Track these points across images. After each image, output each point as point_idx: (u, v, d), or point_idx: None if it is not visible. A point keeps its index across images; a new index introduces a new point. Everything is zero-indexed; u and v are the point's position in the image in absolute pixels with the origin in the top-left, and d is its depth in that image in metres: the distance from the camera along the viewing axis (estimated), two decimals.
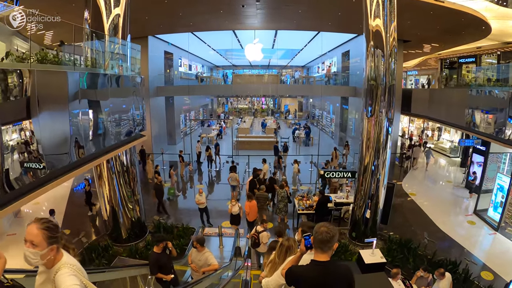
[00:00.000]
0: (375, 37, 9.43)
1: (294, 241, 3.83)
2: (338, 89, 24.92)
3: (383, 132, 9.59)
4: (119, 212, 10.04)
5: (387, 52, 9.31)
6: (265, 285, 3.47)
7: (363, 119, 9.97)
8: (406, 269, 8.78)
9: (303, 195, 12.88)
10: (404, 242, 9.78)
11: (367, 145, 9.88)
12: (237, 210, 11.22)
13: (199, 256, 6.76)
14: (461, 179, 17.21)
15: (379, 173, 9.76)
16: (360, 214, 10.25)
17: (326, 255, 2.80)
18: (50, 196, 14.50)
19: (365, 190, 10.00)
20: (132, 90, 9.33)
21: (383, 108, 9.44)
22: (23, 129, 5.19)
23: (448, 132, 24.31)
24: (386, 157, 9.76)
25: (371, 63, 9.55)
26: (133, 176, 10.27)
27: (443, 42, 21.09)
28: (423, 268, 7.37)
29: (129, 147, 9.32)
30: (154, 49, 21.68)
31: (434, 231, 11.38)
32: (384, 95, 9.45)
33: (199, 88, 27.01)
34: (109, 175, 9.71)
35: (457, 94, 15.35)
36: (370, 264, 7.59)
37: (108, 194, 9.86)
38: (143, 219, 11.03)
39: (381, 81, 9.42)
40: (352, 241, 10.56)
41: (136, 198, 10.50)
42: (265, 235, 8.84)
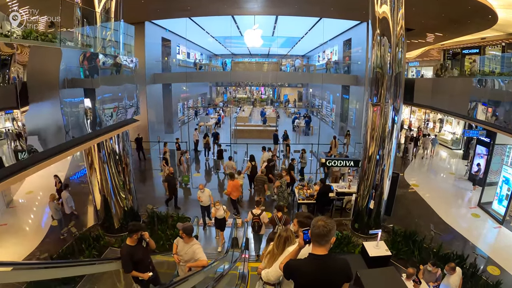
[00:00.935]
0: (381, 25, 8.93)
1: (292, 232, 3.83)
2: (340, 78, 24.44)
3: (389, 121, 9.17)
4: (111, 201, 9.64)
5: (394, 41, 8.84)
6: (265, 276, 3.49)
7: (368, 109, 9.53)
8: (411, 262, 8.45)
9: (304, 184, 12.47)
10: (409, 234, 9.42)
11: (372, 135, 9.46)
12: (222, 214, 9.80)
13: (185, 248, 5.79)
14: (464, 171, 16.90)
15: (384, 163, 9.36)
16: (363, 205, 9.87)
17: (323, 249, 2.81)
18: (44, 185, 14.26)
19: (369, 180, 9.61)
20: (124, 71, 8.79)
21: (389, 97, 9.02)
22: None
23: (450, 123, 24.00)
24: (392, 147, 9.36)
25: (377, 52, 9.07)
26: (126, 164, 9.85)
27: (447, 31, 20.59)
28: (431, 262, 6.98)
29: (121, 132, 8.89)
30: (151, 35, 21.17)
31: (438, 223, 11.04)
32: (390, 84, 9.01)
33: (197, 75, 26.47)
34: (100, 164, 9.29)
35: (462, 83, 14.89)
36: (375, 258, 7.25)
37: (99, 183, 9.46)
38: (136, 209, 10.64)
39: (387, 71, 8.98)
40: (355, 232, 10.20)
41: (129, 187, 10.10)
42: (265, 216, 8.92)
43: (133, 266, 5.32)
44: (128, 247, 5.41)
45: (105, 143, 9.14)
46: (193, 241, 5.82)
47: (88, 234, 9.49)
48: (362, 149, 10.04)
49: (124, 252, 5.38)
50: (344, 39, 25.13)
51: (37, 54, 5.34)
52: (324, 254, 2.81)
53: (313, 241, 2.83)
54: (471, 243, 10.17)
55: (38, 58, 5.33)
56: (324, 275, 2.81)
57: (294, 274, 2.89)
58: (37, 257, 8.66)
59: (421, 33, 21.27)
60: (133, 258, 5.32)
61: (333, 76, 24.57)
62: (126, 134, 9.94)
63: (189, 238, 5.76)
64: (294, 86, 46.56)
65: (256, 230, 9.02)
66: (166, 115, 24.41)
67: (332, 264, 2.85)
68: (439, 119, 25.93)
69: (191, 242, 5.77)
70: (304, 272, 2.82)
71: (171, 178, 12.16)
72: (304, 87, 44.71)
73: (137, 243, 5.46)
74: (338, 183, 13.07)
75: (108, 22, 8.77)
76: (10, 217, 11.71)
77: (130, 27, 9.75)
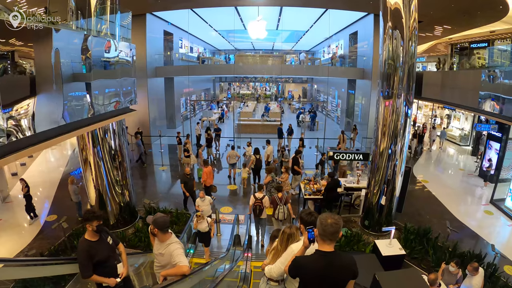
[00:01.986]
0: (393, 17, 8.35)
1: (296, 229, 3.77)
2: (346, 71, 23.82)
3: (401, 116, 8.61)
4: (106, 197, 9.18)
5: (407, 35, 8.27)
6: (268, 272, 3.54)
7: (379, 104, 8.99)
8: (425, 262, 7.94)
9: (310, 179, 11.94)
10: (422, 232, 8.88)
11: (383, 131, 8.91)
12: (206, 227, 8.22)
13: (161, 249, 4.29)
14: (473, 167, 16.47)
15: (396, 158, 8.84)
16: (374, 201, 9.35)
17: (331, 246, 2.82)
18: (40, 181, 14.37)
19: (380, 175, 9.08)
20: (120, 56, 8.29)
21: (401, 91, 8.48)
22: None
23: (458, 119, 23.45)
24: (405, 142, 8.82)
25: (389, 46, 8.52)
26: (122, 159, 9.40)
27: (456, 23, 20.02)
28: (455, 262, 6.42)
29: (116, 120, 8.45)
30: (152, 28, 20.71)
31: (451, 220, 10.51)
32: (403, 79, 8.47)
33: (199, 68, 25.85)
34: (95, 160, 8.83)
35: (474, 75, 14.37)
36: (388, 257, 6.75)
37: (94, 179, 9.02)
38: (133, 204, 10.17)
39: (399, 65, 8.44)
40: (365, 230, 9.65)
41: (126, 182, 9.65)
42: (267, 199, 9.02)
43: (92, 267, 4.07)
44: (86, 242, 4.12)
45: (100, 136, 8.71)
46: (170, 238, 4.32)
47: (81, 230, 9.04)
48: (373, 144, 9.50)
49: (81, 249, 4.10)
50: (350, 33, 24.55)
51: None
52: (331, 251, 2.80)
53: (320, 239, 2.82)
54: (486, 241, 9.67)
55: None
56: (331, 272, 2.79)
57: (301, 271, 2.88)
58: (25, 254, 8.26)
59: (429, 26, 20.68)
60: (94, 257, 4.06)
61: (338, 69, 23.99)
62: (122, 127, 9.47)
63: (164, 235, 4.26)
64: (299, 82, 46.12)
65: (258, 213, 9.05)
66: (168, 109, 23.98)
67: (339, 261, 2.84)
68: (447, 115, 25.40)
69: (166, 240, 4.28)
70: (312, 269, 2.81)
71: (188, 179, 11.06)
72: (308, 83, 44.24)
73: (99, 237, 4.23)
74: (346, 178, 12.54)
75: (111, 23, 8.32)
76: (7, 212, 11.45)
77: (125, 15, 9.28)
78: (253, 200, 9.03)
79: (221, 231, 10.09)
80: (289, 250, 3.37)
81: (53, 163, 17.80)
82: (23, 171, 15.47)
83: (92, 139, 8.64)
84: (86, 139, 8.61)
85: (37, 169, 16.32)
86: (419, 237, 8.70)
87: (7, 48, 4.67)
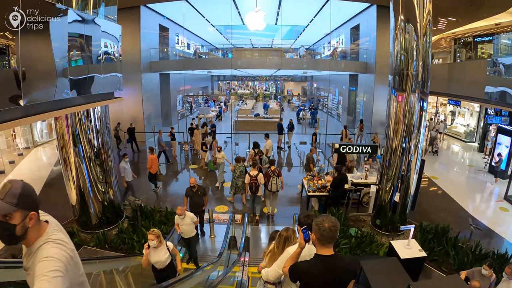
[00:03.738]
0: (406, 9, 7.57)
1: (293, 232, 3.73)
2: (348, 65, 23.04)
3: (416, 112, 7.80)
4: (87, 195, 8.34)
5: (421, 28, 7.45)
6: (264, 275, 3.50)
7: (391, 100, 8.18)
8: (446, 264, 7.10)
9: (314, 175, 11.05)
10: (440, 231, 8.03)
11: (396, 128, 8.08)
12: (165, 259, 5.55)
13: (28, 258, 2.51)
14: (482, 163, 15.84)
15: (411, 154, 8.00)
16: (387, 199, 8.46)
17: (330, 249, 2.78)
18: (27, 179, 13.16)
19: (393, 171, 8.20)
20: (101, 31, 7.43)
21: (416, 87, 7.68)
22: None
23: (463, 116, 22.77)
24: (420, 138, 7.99)
25: (401, 40, 7.72)
26: (105, 156, 8.59)
27: (461, 15, 19.38)
28: (488, 263, 5.56)
29: (95, 106, 7.66)
30: (147, 21, 19.99)
31: (466, 217, 9.75)
32: (417, 75, 7.66)
33: (196, 63, 24.87)
34: (76, 159, 8.03)
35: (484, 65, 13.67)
36: (408, 260, 5.85)
37: (74, 178, 8.18)
38: (118, 203, 9.30)
39: (413, 61, 7.66)
40: (377, 229, 8.74)
41: (109, 180, 8.81)
42: (261, 177, 9.53)
43: None
44: None
45: (81, 132, 7.93)
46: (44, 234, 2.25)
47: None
48: (384, 140, 8.66)
49: None
50: (351, 26, 23.83)
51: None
52: (331, 255, 2.77)
53: (319, 243, 2.77)
54: (505, 239, 8.87)
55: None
56: (332, 275, 2.76)
57: (302, 277, 2.84)
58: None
59: (434, 18, 19.91)
60: None
61: (340, 63, 23.21)
62: (107, 125, 8.70)
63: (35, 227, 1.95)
64: (298, 81, 45.48)
65: (254, 191, 9.57)
66: (163, 106, 23.21)
67: (339, 264, 2.81)
68: (451, 112, 24.70)
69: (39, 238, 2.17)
70: (313, 274, 2.76)
71: (192, 194, 8.56)
72: (308, 81, 43.54)
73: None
74: (353, 173, 11.67)
75: None
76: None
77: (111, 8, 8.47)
78: (248, 178, 9.52)
79: (215, 232, 9.18)
80: (285, 253, 3.34)
81: (44, 161, 16.99)
82: (11, 168, 14.82)
83: (73, 135, 7.89)
84: (67, 136, 7.87)
85: (26, 166, 15.56)
86: (438, 237, 7.85)
87: None
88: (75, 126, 7.83)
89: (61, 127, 7.88)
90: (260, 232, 9.58)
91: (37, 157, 17.44)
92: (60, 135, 7.93)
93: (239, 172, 10.72)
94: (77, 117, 7.76)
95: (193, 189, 8.48)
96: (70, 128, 7.81)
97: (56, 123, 7.95)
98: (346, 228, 8.30)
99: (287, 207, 11.03)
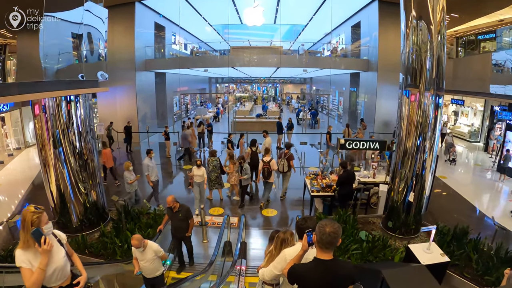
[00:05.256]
0: (418, 5, 6.92)
1: (291, 234, 3.73)
2: (349, 62, 22.40)
3: (431, 111, 7.13)
4: (67, 196, 7.59)
5: (435, 26, 6.79)
6: (261, 275, 3.51)
7: (403, 101, 7.52)
8: (468, 269, 6.36)
9: (317, 173, 10.28)
10: (459, 233, 7.24)
11: (408, 130, 7.39)
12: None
13: None
14: (489, 162, 15.63)
15: (426, 152, 7.30)
16: (399, 200, 7.70)
17: (329, 254, 2.76)
18: (12, 179, 13.22)
19: (407, 170, 7.46)
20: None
21: (431, 86, 7.02)
22: None
23: (466, 115, 22.39)
24: (436, 137, 7.32)
25: (413, 39, 7.07)
26: (89, 156, 7.92)
27: (465, 10, 18.90)
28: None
29: (75, 94, 6.98)
30: (142, 18, 19.45)
31: (480, 218, 9.18)
32: (432, 74, 7.00)
33: (192, 61, 24.01)
34: (56, 161, 7.36)
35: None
36: (431, 266, 5.07)
37: (53, 177, 7.47)
38: (101, 204, 8.50)
39: (426, 61, 7.00)
40: (388, 232, 7.93)
41: (94, 181, 8.12)
42: (274, 163, 9.94)
43: None
44: None
45: (62, 132, 7.26)
46: None
47: None
48: (396, 142, 7.95)
49: None
50: (351, 24, 23.32)
51: None
52: (330, 259, 2.75)
53: (319, 247, 2.75)
54: None
55: None
56: (330, 280, 2.75)
57: (300, 280, 2.82)
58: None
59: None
60: None
61: (341, 60, 22.54)
62: (90, 125, 8.02)
63: None
64: (298, 83, 44.92)
65: (266, 176, 9.91)
66: (159, 107, 22.52)
67: (338, 268, 2.81)
68: (453, 112, 24.23)
69: None
70: (311, 278, 2.74)
71: (172, 215, 6.73)
72: (307, 83, 42.96)
73: None
74: (360, 172, 10.83)
75: None
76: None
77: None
78: (261, 164, 9.92)
79: (209, 236, 8.36)
80: (281, 254, 3.32)
81: (34, 161, 16.30)
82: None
83: (53, 136, 7.25)
84: (46, 136, 7.20)
85: (15, 167, 15.00)
86: (458, 239, 7.11)
87: None
88: (55, 127, 7.19)
89: (40, 129, 7.23)
90: (261, 235, 8.78)
91: (28, 157, 16.97)
92: (40, 135, 7.29)
93: (212, 166, 10.20)
94: (57, 116, 7.12)
95: (173, 210, 6.65)
96: (50, 129, 7.17)
97: (35, 121, 7.28)
98: (356, 231, 7.50)
99: (288, 211, 10.28)
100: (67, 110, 7.19)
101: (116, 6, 17.80)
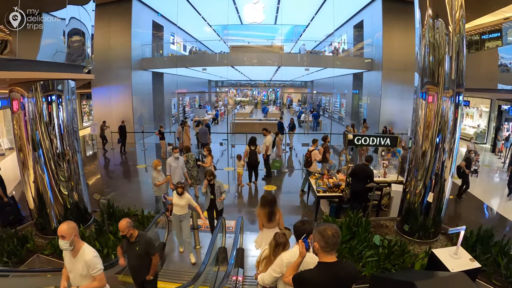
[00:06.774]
0: (434, 2, 6.31)
1: (286, 239, 3.72)
2: (352, 61, 21.89)
3: (451, 113, 6.48)
4: (47, 197, 6.91)
5: (454, 24, 6.16)
6: (260, 280, 3.53)
7: (419, 104, 6.88)
8: (496, 275, 5.61)
9: (323, 173, 9.50)
10: (484, 236, 6.49)
11: (426, 133, 6.72)
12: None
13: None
14: (499, 163, 15.55)
15: (446, 152, 6.63)
16: (417, 202, 6.96)
17: (333, 256, 2.80)
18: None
19: (425, 169, 6.76)
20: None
21: (451, 87, 6.39)
22: None
23: (471, 117, 21.90)
24: (456, 137, 6.67)
25: (430, 39, 6.43)
26: (71, 156, 7.23)
27: (470, 8, 18.41)
28: None
29: (53, 77, 6.36)
30: (139, 16, 18.97)
31: (501, 220, 8.59)
32: (450, 74, 6.37)
33: (190, 59, 23.28)
34: (34, 162, 6.77)
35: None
36: None
37: (32, 176, 6.86)
38: (84, 205, 7.74)
39: (444, 61, 6.37)
40: (404, 236, 7.13)
41: (76, 182, 7.40)
42: (316, 153, 10.11)
43: None
44: None
45: (41, 132, 6.67)
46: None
47: (12, 234, 6.66)
48: (412, 144, 7.28)
49: None
50: (354, 23, 22.81)
51: None
52: (334, 262, 2.78)
53: (323, 251, 2.77)
54: None
55: None
56: (336, 282, 2.77)
57: (308, 285, 2.83)
58: None
59: None
60: None
61: (344, 59, 22.03)
62: (73, 123, 7.37)
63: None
64: (298, 86, 44.37)
65: (305, 164, 10.39)
66: (156, 109, 21.94)
67: (343, 270, 2.84)
68: None
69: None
70: (318, 283, 2.77)
71: (127, 248, 4.70)
72: (308, 87, 42.44)
73: None
74: None
75: None
76: None
77: None
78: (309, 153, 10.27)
79: (202, 241, 7.32)
80: (278, 259, 3.37)
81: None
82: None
83: (32, 137, 6.66)
84: (24, 135, 6.60)
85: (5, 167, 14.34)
86: (484, 243, 6.36)
87: None
88: (34, 128, 6.59)
89: (18, 130, 6.64)
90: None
91: None
92: (18, 136, 6.70)
93: (192, 161, 9.73)
94: (36, 115, 6.53)
95: (129, 240, 4.58)
96: (28, 129, 6.58)
97: (13, 122, 6.68)
98: (369, 235, 6.73)
99: (289, 216, 9.38)
100: (48, 112, 6.66)
101: (113, 3, 17.35)
